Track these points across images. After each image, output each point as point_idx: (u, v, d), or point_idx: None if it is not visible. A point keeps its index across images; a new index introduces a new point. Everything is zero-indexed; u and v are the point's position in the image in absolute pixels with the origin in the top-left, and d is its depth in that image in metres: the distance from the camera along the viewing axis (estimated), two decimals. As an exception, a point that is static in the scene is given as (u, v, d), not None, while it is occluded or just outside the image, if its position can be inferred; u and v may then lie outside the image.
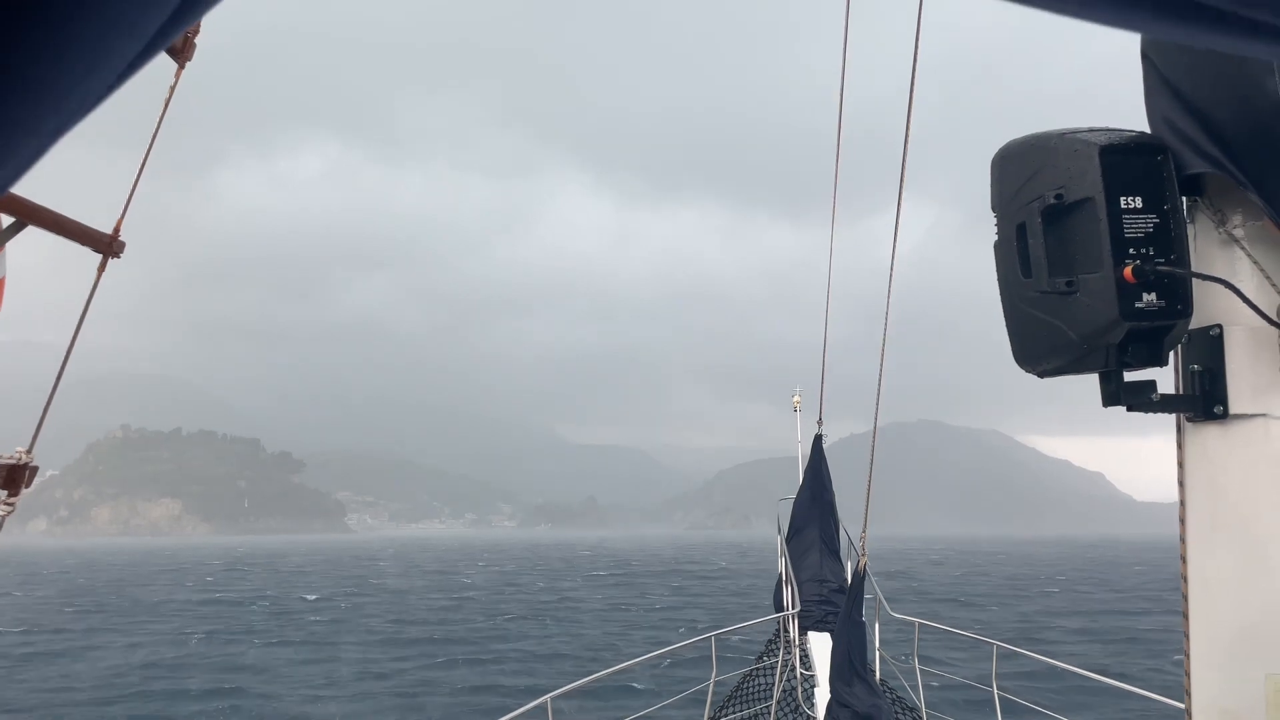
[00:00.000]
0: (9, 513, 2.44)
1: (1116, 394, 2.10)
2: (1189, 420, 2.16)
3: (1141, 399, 2.10)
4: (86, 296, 2.65)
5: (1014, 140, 2.26)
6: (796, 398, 10.59)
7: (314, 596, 67.21)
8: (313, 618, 51.15)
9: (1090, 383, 2.14)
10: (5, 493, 2.42)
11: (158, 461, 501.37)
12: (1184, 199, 2.15)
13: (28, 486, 2.46)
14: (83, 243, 2.52)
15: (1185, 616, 2.13)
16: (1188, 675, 2.11)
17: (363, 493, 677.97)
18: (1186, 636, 2.12)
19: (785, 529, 9.30)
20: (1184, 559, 2.13)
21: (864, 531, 6.53)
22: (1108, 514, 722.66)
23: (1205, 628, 2.09)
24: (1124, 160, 2.04)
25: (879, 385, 6.24)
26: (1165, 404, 2.13)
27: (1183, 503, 2.16)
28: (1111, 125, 2.16)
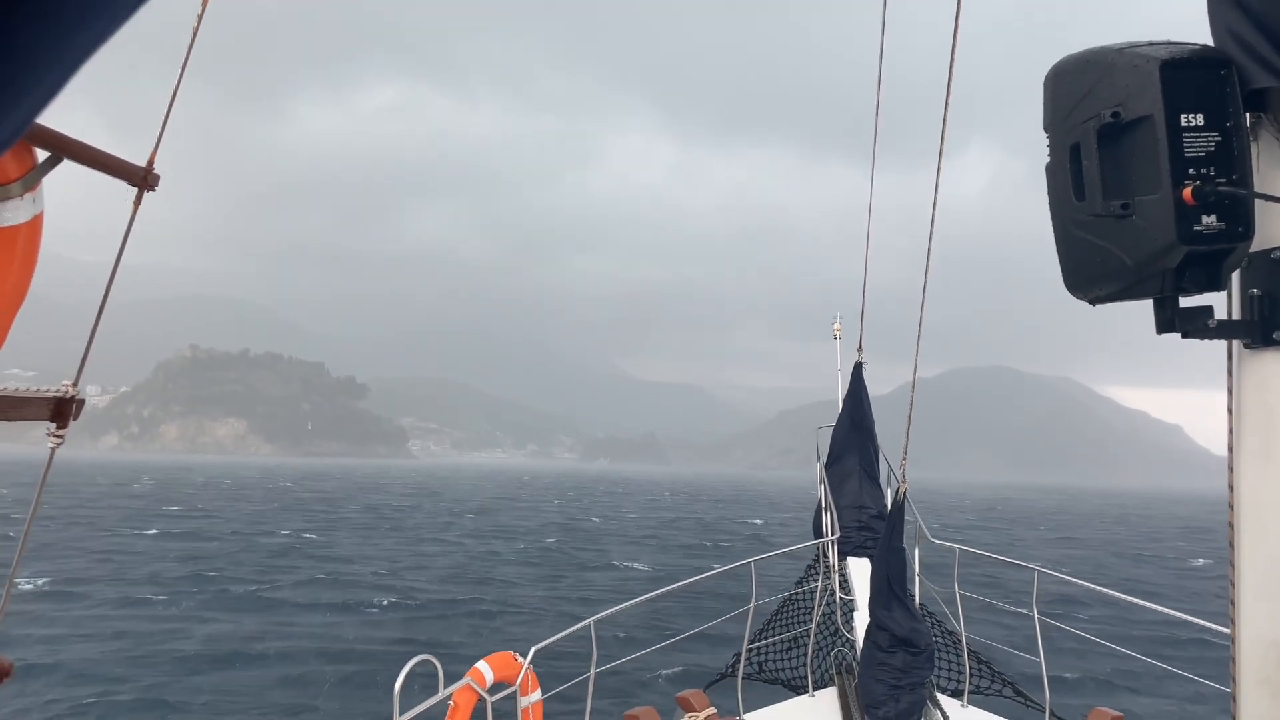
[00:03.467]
0: (58, 444, 2.52)
1: (1171, 320, 2.01)
2: (1246, 347, 2.08)
3: (1197, 325, 2.01)
4: (124, 230, 2.70)
5: (1069, 56, 2.11)
6: (837, 325, 10.28)
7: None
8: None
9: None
10: (54, 425, 2.49)
11: (224, 382, 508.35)
12: (1247, 115, 2.01)
13: (75, 419, 2.52)
14: (117, 176, 2.54)
15: (1232, 546, 2.07)
16: (1234, 605, 2.07)
17: (426, 419, 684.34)
18: (1233, 566, 2.07)
19: (824, 456, 9.32)
20: (1232, 488, 2.07)
21: (904, 458, 6.56)
22: (1184, 467, 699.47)
23: (1254, 558, 2.03)
24: (1186, 75, 1.91)
25: (920, 317, 6.19)
26: (1222, 330, 2.05)
27: (1232, 431, 2.09)
28: (1173, 39, 2.03)
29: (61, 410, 2.47)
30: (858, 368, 9.48)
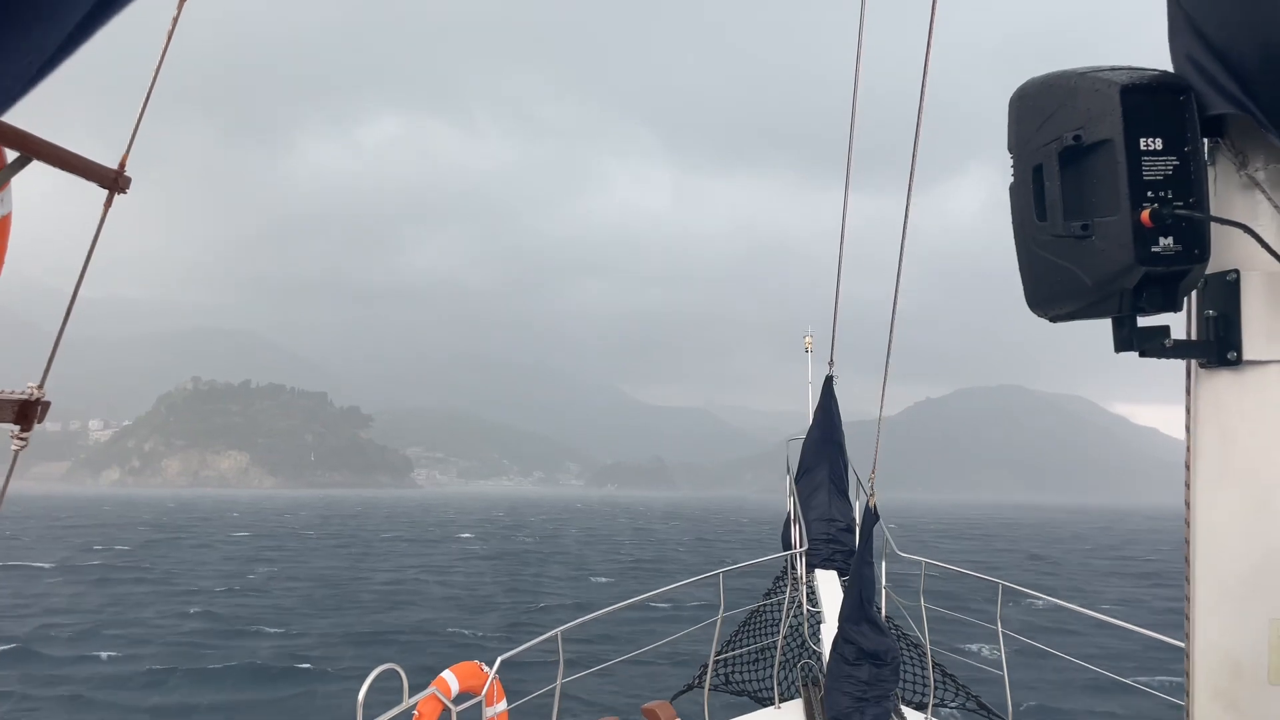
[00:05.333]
0: (22, 447, 2.51)
1: (1129, 339, 2.07)
2: (1201, 366, 2.13)
3: (1154, 344, 2.07)
4: (94, 230, 2.67)
5: (1032, 79, 2.19)
6: (808, 339, 10.28)
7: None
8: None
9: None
10: (18, 428, 2.47)
11: (227, 414, 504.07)
12: (1205, 140, 2.08)
13: (40, 421, 2.51)
14: (88, 178, 2.53)
15: (1188, 562, 2.13)
16: (1189, 619, 2.12)
17: (432, 449, 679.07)
18: (1189, 581, 2.13)
19: (794, 468, 9.40)
20: (1188, 504, 2.13)
21: (873, 472, 6.67)
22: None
23: (1209, 573, 2.09)
24: (1145, 100, 1.97)
25: (890, 331, 6.24)
26: (1179, 349, 2.10)
27: (1190, 449, 2.15)
28: (1134, 64, 2.10)
29: (26, 413, 2.45)
30: (828, 381, 9.41)
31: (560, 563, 55.11)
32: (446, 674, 5.84)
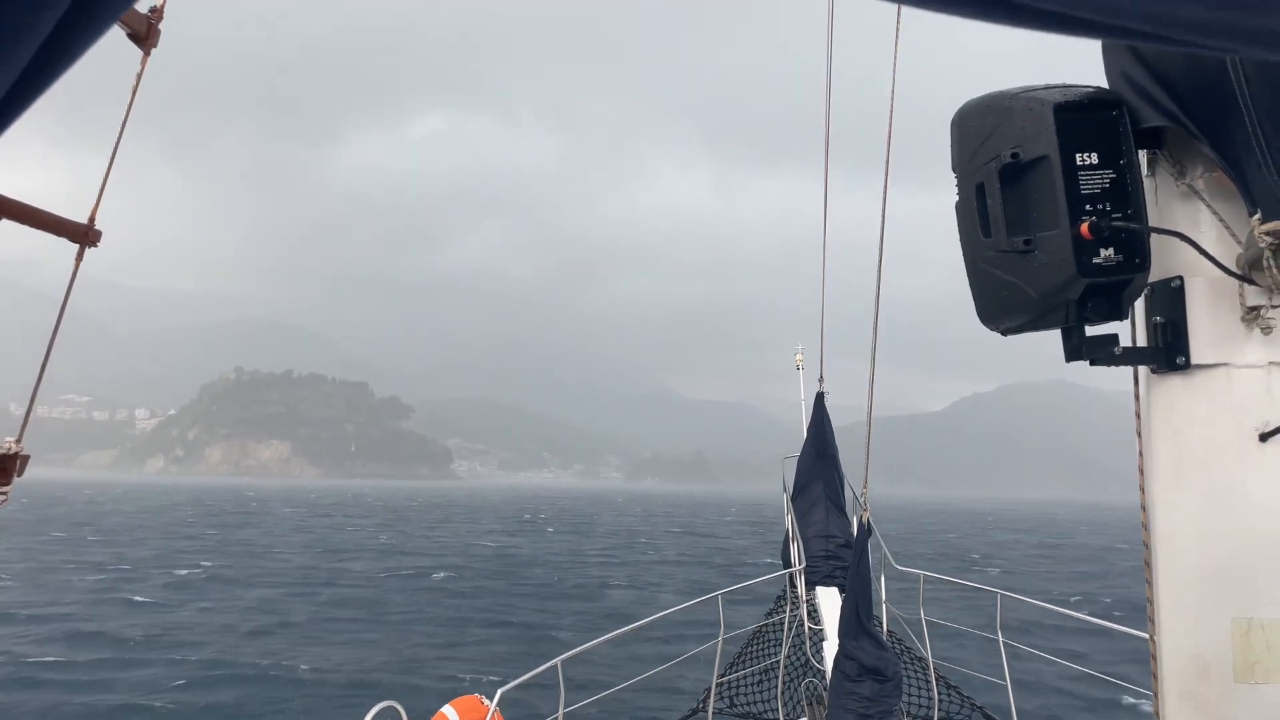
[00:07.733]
0: (2, 502, 2.51)
1: (1079, 349, 2.12)
2: (1152, 372, 2.20)
3: (1104, 353, 2.13)
4: (67, 285, 2.66)
5: (971, 100, 2.26)
6: (799, 355, 10.25)
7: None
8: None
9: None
10: None
11: (268, 403, 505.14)
12: (1145, 152, 2.17)
13: (19, 475, 2.51)
14: (58, 234, 2.54)
15: (1148, 565, 2.17)
16: (1153, 622, 2.16)
17: (473, 440, 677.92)
18: (1150, 584, 2.17)
19: (790, 486, 9.49)
20: (1144, 508, 2.18)
21: (865, 485, 6.72)
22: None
23: (1170, 575, 2.13)
24: (1079, 117, 2.05)
25: (874, 336, 6.25)
26: (1128, 357, 2.16)
27: (1143, 453, 2.20)
28: (1079, 82, 2.17)
29: (4, 467, 2.45)
30: (820, 397, 9.57)
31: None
32: (447, 709, 5.76)
